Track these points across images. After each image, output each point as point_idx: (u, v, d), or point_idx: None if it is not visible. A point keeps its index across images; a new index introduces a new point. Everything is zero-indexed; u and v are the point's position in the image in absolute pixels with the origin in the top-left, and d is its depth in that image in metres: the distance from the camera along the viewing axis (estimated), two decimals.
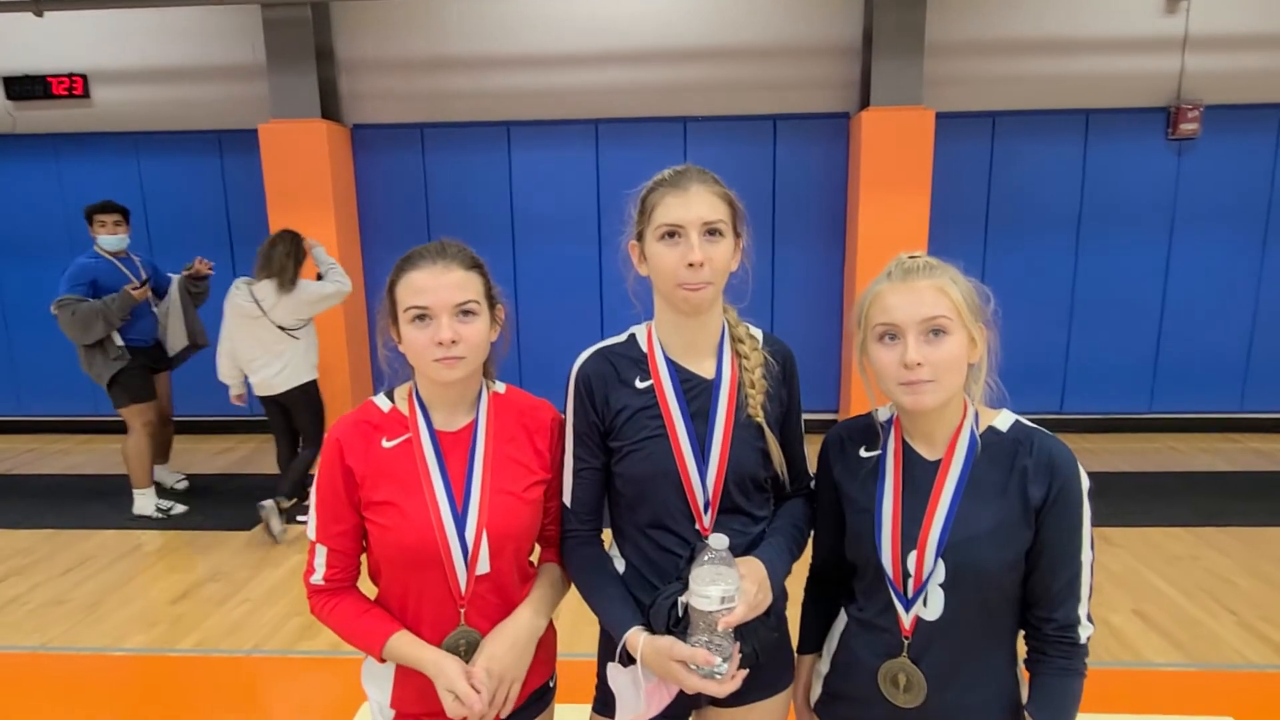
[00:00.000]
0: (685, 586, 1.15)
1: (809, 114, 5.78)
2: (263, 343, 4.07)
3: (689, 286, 1.21)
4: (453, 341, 1.20)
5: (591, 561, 1.33)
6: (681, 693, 1.27)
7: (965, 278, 1.18)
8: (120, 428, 5.44)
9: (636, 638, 1.21)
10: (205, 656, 2.99)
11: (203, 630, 3.18)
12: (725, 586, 1.11)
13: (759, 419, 1.28)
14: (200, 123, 5.97)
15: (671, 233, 1.21)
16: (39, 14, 5.23)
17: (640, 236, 1.28)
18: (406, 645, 1.26)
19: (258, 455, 5.78)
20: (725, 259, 1.23)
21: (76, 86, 5.92)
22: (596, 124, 5.84)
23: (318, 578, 1.29)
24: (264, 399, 4.21)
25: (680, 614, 1.17)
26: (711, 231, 1.21)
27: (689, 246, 1.19)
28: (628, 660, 1.25)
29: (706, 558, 1.13)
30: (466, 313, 1.23)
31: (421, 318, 1.22)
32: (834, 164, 5.81)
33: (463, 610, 1.27)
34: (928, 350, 1.12)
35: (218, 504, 4.67)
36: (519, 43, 5.78)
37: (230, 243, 6.09)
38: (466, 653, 1.27)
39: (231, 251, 6.10)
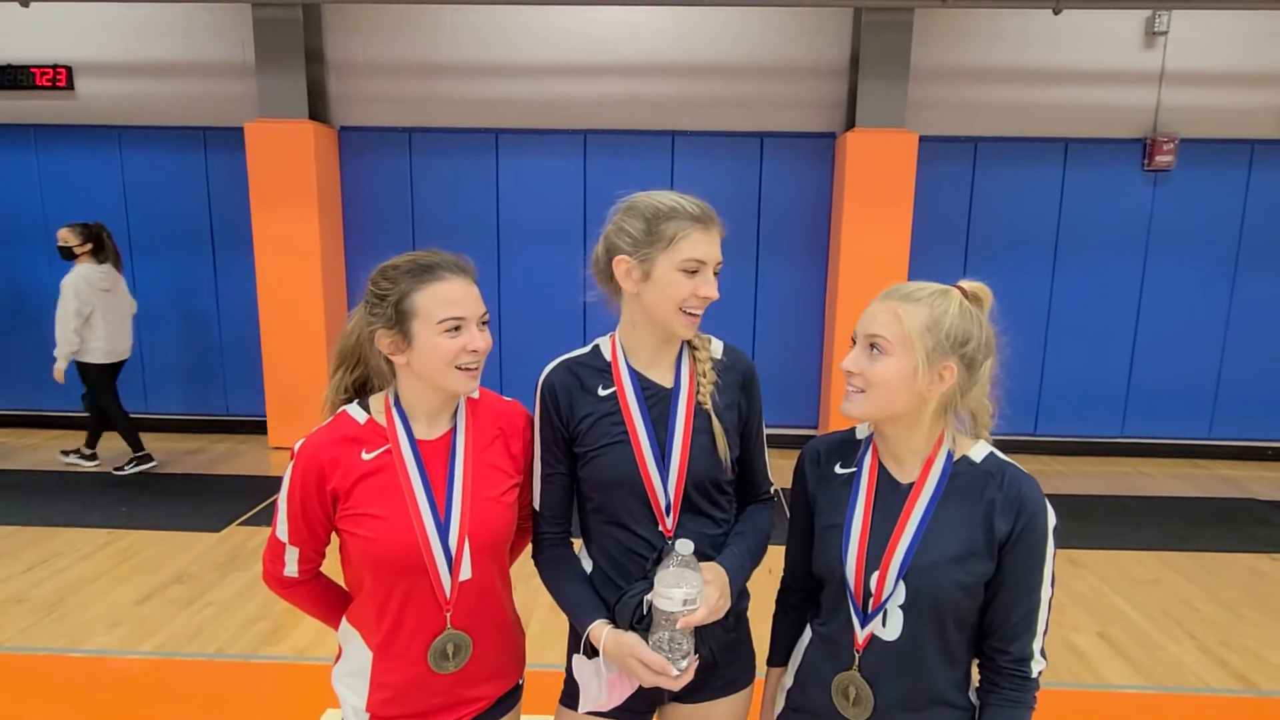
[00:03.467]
0: (651, 586, 1.21)
1: (795, 133, 5.85)
2: (121, 314, 5.02)
3: (692, 312, 1.30)
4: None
5: (560, 562, 1.39)
6: (642, 689, 1.33)
7: (957, 316, 1.15)
8: (86, 423, 5.38)
9: (600, 630, 1.28)
10: (168, 660, 2.95)
11: (166, 633, 3.14)
12: (688, 589, 1.16)
13: (707, 406, 1.33)
14: (185, 118, 5.93)
15: (695, 268, 1.28)
16: (24, 4, 5.18)
17: (645, 256, 1.28)
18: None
19: (229, 456, 5.72)
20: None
21: (60, 78, 5.87)
22: (585, 135, 5.87)
23: (290, 571, 1.34)
24: (116, 365, 5.04)
25: (645, 612, 1.24)
26: (716, 272, 1.31)
27: (706, 281, 1.29)
28: (592, 653, 1.32)
29: (672, 561, 1.18)
30: (484, 324, 1.30)
31: (456, 328, 1.25)
32: (819, 183, 5.88)
33: (448, 614, 1.29)
34: (864, 362, 1.17)
35: (187, 504, 4.61)
36: (510, 51, 5.80)
37: (212, 240, 6.05)
38: (454, 654, 1.30)
39: (213, 249, 6.06)
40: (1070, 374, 5.96)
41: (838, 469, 1.28)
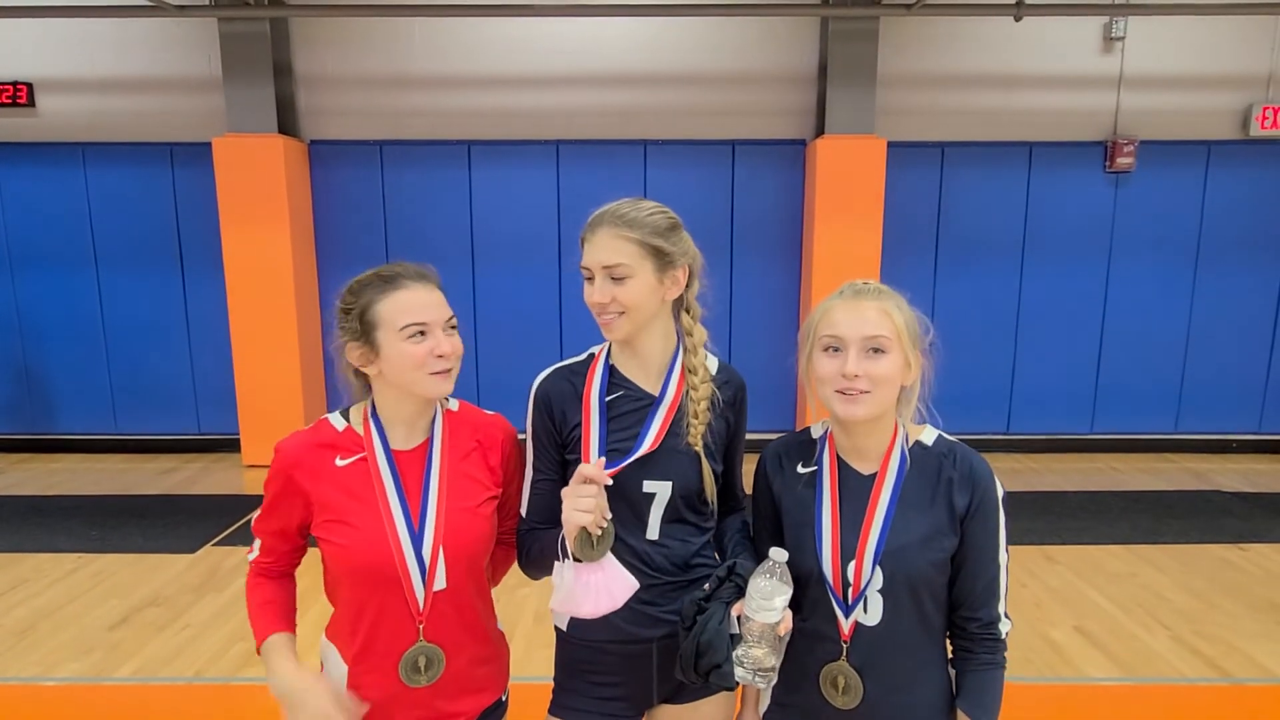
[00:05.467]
0: (707, 600, 1.21)
1: (767, 140, 5.91)
2: None
3: (600, 318, 1.32)
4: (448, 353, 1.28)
5: (542, 535, 1.37)
6: (632, 693, 1.36)
7: (910, 308, 1.26)
8: (54, 446, 5.27)
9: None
10: (143, 685, 2.89)
11: (141, 657, 3.07)
12: (783, 597, 1.16)
13: (697, 448, 1.33)
14: (151, 134, 5.84)
15: (588, 276, 1.32)
16: None
17: None
18: (276, 652, 1.28)
19: (202, 476, 5.63)
20: (633, 296, 1.28)
21: (21, 95, 5.76)
22: (558, 145, 5.88)
23: (254, 555, 1.38)
24: None
25: (722, 628, 1.20)
26: (615, 276, 1.28)
27: (592, 288, 1.31)
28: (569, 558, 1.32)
29: (776, 572, 1.17)
30: (453, 328, 1.32)
31: (420, 334, 1.26)
32: (790, 189, 5.95)
33: (421, 626, 1.29)
34: (867, 364, 1.21)
35: (159, 526, 4.52)
36: (480, 62, 5.80)
37: (181, 257, 5.96)
38: (426, 668, 1.29)
39: (182, 266, 5.97)
40: (1040, 373, 6.06)
41: (800, 469, 1.33)
